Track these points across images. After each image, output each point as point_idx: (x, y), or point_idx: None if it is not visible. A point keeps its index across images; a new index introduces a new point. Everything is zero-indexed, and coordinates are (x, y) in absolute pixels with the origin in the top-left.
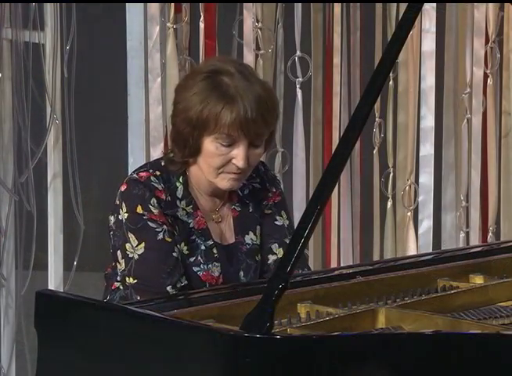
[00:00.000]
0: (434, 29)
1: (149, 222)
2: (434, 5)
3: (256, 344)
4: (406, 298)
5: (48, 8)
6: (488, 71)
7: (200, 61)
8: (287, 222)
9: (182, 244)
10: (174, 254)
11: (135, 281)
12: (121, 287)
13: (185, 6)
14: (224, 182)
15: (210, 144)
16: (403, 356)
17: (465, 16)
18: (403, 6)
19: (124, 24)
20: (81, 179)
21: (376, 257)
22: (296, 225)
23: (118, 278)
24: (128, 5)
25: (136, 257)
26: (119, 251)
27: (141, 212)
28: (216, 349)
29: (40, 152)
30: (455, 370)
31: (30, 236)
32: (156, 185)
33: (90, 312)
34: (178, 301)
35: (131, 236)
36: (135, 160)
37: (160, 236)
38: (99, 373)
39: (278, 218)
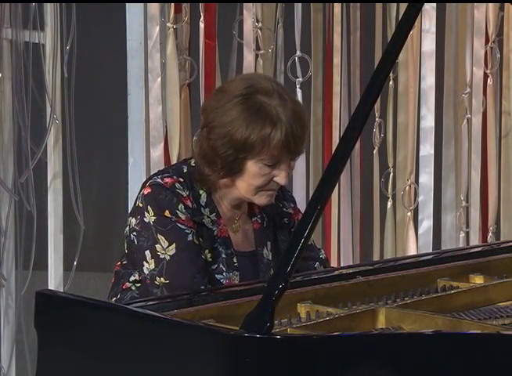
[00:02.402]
0: (434, 29)
1: (178, 224)
2: (434, 5)
3: (256, 344)
4: (406, 298)
5: (48, 8)
6: (488, 71)
7: (200, 61)
8: (312, 239)
9: (206, 251)
10: (202, 256)
11: (167, 281)
12: (133, 288)
13: (185, 6)
14: (262, 199)
15: (253, 165)
16: (403, 356)
17: (465, 16)
18: (403, 6)
19: (124, 24)
20: (81, 179)
21: (376, 257)
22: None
23: (130, 279)
24: (128, 5)
25: (168, 258)
26: (147, 251)
27: (169, 216)
28: (216, 349)
29: (40, 152)
30: (455, 370)
31: (30, 236)
32: (181, 192)
33: (90, 312)
34: (178, 302)
35: (161, 238)
36: (135, 160)
37: (190, 237)
38: (99, 373)
39: None
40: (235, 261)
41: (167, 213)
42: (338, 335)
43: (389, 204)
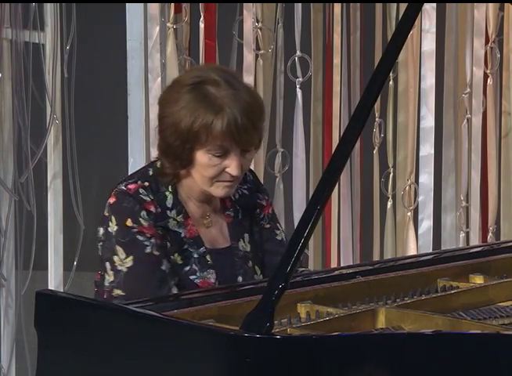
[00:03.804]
0: (434, 29)
1: (137, 236)
2: (434, 5)
3: (256, 344)
4: (406, 298)
5: (48, 8)
6: (488, 71)
7: (200, 61)
8: (283, 234)
9: (176, 254)
10: (163, 267)
11: (124, 294)
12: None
13: (185, 6)
14: (219, 190)
15: (202, 156)
16: (403, 356)
17: (465, 16)
18: (403, 6)
19: (124, 24)
20: (81, 179)
21: (376, 257)
22: (296, 225)
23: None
24: (128, 5)
25: (125, 270)
26: (107, 263)
27: (130, 225)
28: (216, 349)
29: (40, 152)
30: (455, 370)
31: (30, 236)
32: (144, 197)
33: (90, 312)
34: (178, 302)
35: (119, 249)
36: (135, 160)
37: (148, 249)
38: (98, 373)
39: (277, 232)
40: (208, 259)
41: (128, 222)
42: (338, 335)
43: (389, 204)
